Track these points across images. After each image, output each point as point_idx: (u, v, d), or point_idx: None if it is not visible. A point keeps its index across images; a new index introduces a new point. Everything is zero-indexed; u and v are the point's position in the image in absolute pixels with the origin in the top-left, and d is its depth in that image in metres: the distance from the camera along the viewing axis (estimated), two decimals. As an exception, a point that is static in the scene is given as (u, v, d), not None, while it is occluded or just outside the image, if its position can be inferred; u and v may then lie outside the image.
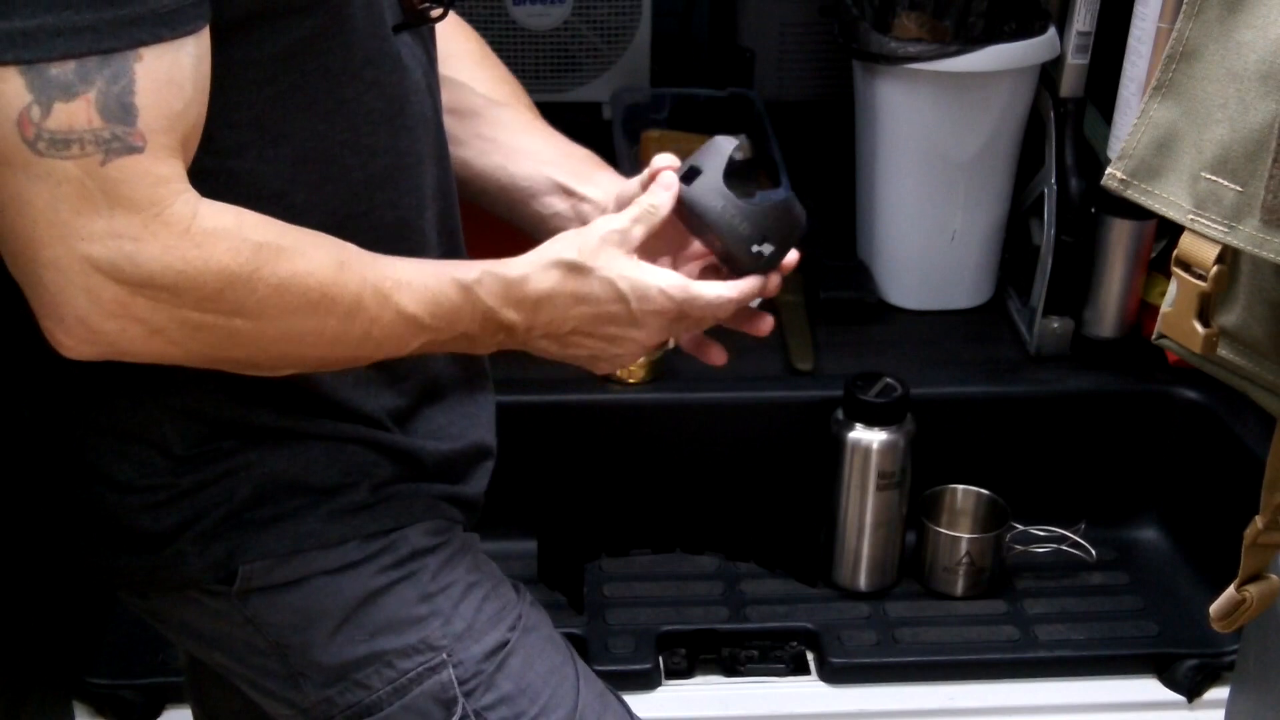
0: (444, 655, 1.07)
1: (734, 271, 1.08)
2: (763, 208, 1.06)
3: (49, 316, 0.87)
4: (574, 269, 1.02)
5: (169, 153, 0.86)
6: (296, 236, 0.93)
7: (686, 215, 1.07)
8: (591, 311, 1.03)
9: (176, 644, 1.20)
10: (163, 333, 0.89)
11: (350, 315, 0.95)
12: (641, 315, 1.03)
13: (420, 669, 1.06)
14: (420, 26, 1.04)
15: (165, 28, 0.84)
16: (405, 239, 1.05)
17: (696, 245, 1.12)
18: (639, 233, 1.04)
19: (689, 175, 1.07)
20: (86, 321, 0.87)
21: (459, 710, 1.07)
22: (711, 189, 1.05)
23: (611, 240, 1.03)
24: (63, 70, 0.82)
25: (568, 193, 1.15)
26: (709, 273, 1.11)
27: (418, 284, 0.98)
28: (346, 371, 1.03)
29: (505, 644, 1.09)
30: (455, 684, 1.07)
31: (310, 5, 0.93)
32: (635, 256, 1.04)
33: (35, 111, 0.82)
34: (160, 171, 0.86)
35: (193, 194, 0.88)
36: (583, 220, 1.13)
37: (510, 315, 1.02)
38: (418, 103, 1.04)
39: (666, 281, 1.03)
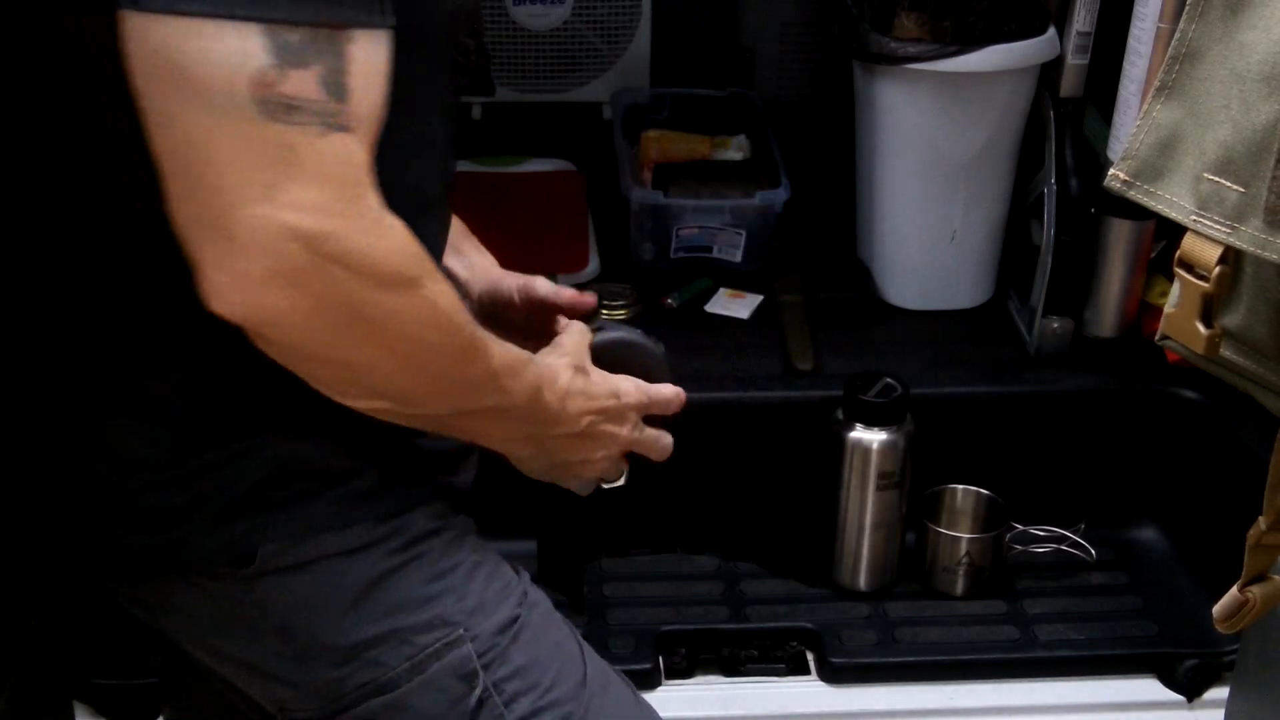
0: (461, 630, 1.07)
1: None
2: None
3: (219, 268, 0.85)
4: (579, 369, 1.11)
5: (368, 140, 0.87)
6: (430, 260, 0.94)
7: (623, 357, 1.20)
8: (597, 406, 1.12)
9: (164, 635, 1.14)
10: (321, 314, 0.87)
11: (465, 352, 0.97)
12: (622, 411, 1.15)
13: (439, 644, 1.07)
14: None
15: (376, 14, 0.85)
16: (444, 225, 1.11)
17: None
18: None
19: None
20: (257, 284, 0.85)
21: (480, 683, 1.07)
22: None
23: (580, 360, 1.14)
24: (297, 37, 0.82)
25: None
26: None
27: (500, 343, 1.01)
28: None
29: (516, 619, 1.10)
30: (475, 657, 1.07)
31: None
32: None
33: (271, 74, 0.81)
34: (362, 158, 0.86)
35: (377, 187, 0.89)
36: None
37: (549, 399, 1.08)
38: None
39: (628, 382, 1.16)
